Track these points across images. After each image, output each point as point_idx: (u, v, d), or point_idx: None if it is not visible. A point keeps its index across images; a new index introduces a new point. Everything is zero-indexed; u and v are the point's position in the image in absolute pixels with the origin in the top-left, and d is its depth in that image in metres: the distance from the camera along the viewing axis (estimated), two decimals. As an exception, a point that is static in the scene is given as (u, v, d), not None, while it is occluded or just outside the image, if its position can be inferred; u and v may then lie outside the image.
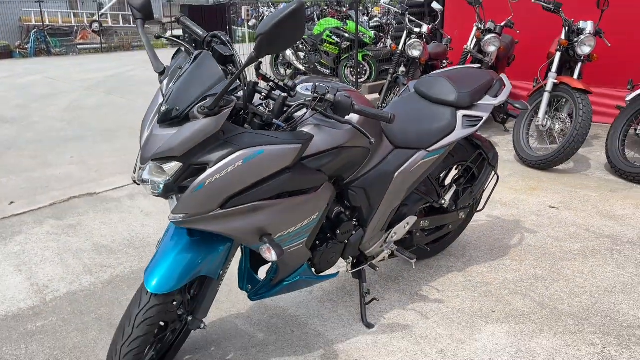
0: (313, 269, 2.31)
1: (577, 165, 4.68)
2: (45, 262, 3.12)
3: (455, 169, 2.86)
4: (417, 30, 5.92)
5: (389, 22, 11.64)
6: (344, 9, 11.09)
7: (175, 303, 1.96)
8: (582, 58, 4.67)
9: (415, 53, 5.74)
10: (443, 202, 2.66)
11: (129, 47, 17.91)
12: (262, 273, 2.25)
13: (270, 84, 1.91)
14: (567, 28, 4.67)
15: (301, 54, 9.79)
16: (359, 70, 8.42)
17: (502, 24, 5.33)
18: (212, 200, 1.70)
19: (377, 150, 2.27)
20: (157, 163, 1.69)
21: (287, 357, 2.25)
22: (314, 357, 2.24)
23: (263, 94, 1.88)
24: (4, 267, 3.06)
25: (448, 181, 2.87)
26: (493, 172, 2.93)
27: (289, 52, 9.84)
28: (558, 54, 4.67)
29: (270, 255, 1.83)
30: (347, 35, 8.96)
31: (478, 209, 3.06)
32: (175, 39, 1.98)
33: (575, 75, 4.67)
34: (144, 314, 1.74)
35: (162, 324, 1.99)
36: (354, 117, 2.02)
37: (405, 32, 5.99)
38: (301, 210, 1.95)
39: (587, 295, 2.66)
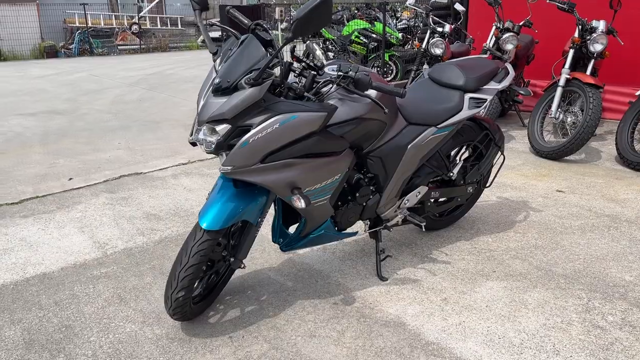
0: (335, 228, 2.70)
1: (588, 156, 4.96)
2: (103, 225, 3.59)
3: (465, 148, 3.21)
4: (439, 29, 6.26)
5: (416, 24, 11.98)
6: (373, 12, 11.46)
7: (220, 245, 2.37)
8: (594, 55, 4.95)
9: (438, 51, 6.08)
10: (451, 175, 3.02)
11: (166, 48, 18.64)
12: (291, 230, 2.65)
13: (303, 64, 2.31)
14: (580, 27, 4.97)
15: (330, 54, 10.21)
16: (385, 69, 8.79)
17: (521, 23, 5.64)
18: (254, 155, 2.11)
19: (392, 125, 2.65)
20: (210, 125, 2.11)
21: (312, 300, 2.64)
22: (335, 300, 2.63)
23: (296, 72, 2.29)
24: (69, 229, 3.54)
25: (458, 158, 3.22)
26: (499, 152, 3.28)
27: (318, 52, 10.23)
28: (571, 51, 4.97)
29: (300, 203, 2.23)
30: (374, 36, 9.34)
31: (486, 185, 3.40)
32: (226, 27, 2.39)
33: (588, 71, 4.95)
34: (198, 246, 2.16)
35: (209, 263, 2.41)
36: (372, 93, 2.40)
37: (428, 31, 6.34)
38: (326, 170, 2.35)
39: (580, 261, 2.98)
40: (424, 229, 3.04)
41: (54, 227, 3.57)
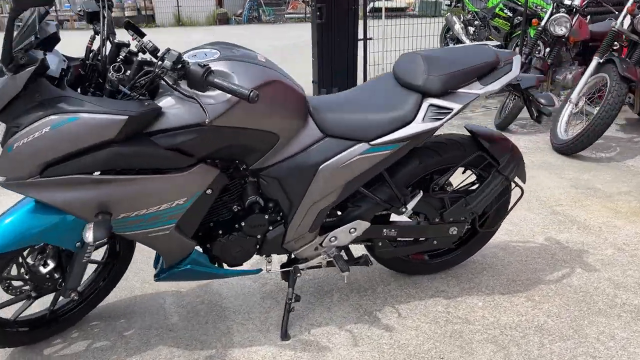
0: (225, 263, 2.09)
1: None
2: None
3: (443, 173, 2.26)
4: (567, 2, 4.88)
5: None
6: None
7: (46, 266, 1.93)
8: None
9: (559, 30, 4.76)
10: (404, 210, 2.14)
11: (330, 18, 18.52)
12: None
13: (136, 47, 1.71)
14: None
15: (471, 29, 8.93)
16: (531, 49, 7.32)
17: (675, -4, 4.08)
18: (24, 165, 1.60)
19: (296, 136, 1.91)
20: (-6, 122, 1.64)
21: (173, 348, 2.07)
22: (198, 356, 2.03)
23: (120, 57, 1.70)
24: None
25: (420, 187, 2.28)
26: (510, 183, 2.28)
27: (457, 27, 9.05)
28: None
29: (88, 235, 1.66)
30: (522, 8, 7.87)
31: (492, 228, 2.42)
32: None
33: None
34: (-31, 271, 1.74)
35: (37, 287, 1.98)
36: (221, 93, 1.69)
37: (552, 4, 5.00)
38: (155, 193, 1.74)
39: (591, 370, 1.92)
40: (345, 280, 2.24)
41: None
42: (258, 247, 2.07)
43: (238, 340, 2.11)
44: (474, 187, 2.32)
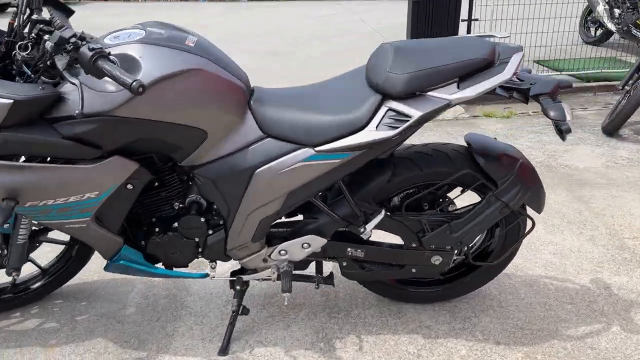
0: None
1: None
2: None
3: (424, 190, 1.86)
4: None
5: None
6: None
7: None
8: None
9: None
10: (362, 230, 1.79)
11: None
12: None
13: (52, 20, 1.59)
14: None
15: (617, 11, 7.69)
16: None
17: None
18: None
19: (231, 134, 1.68)
20: None
21: (109, 342, 1.99)
22: (128, 356, 1.91)
23: (31, 35, 1.58)
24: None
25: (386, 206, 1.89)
26: (514, 211, 1.83)
27: (600, 8, 7.87)
28: None
29: None
30: (680, -11, 6.56)
31: (491, 261, 1.98)
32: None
33: None
34: None
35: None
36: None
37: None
38: (60, 183, 1.62)
39: None
40: (286, 302, 1.95)
41: None
42: (201, 250, 1.88)
43: (175, 346, 1.96)
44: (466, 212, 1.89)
